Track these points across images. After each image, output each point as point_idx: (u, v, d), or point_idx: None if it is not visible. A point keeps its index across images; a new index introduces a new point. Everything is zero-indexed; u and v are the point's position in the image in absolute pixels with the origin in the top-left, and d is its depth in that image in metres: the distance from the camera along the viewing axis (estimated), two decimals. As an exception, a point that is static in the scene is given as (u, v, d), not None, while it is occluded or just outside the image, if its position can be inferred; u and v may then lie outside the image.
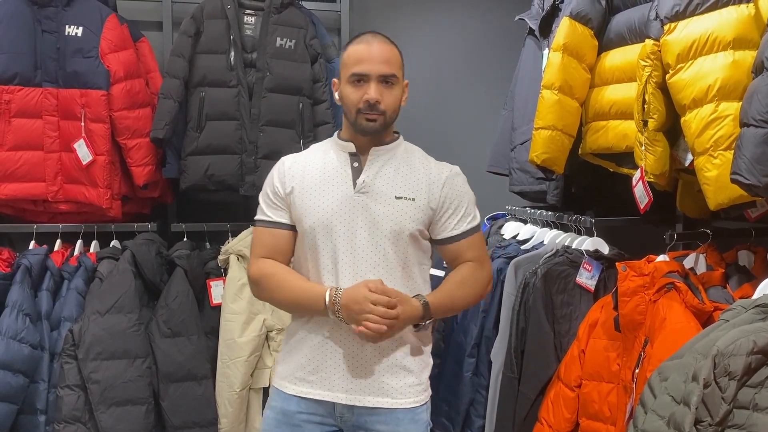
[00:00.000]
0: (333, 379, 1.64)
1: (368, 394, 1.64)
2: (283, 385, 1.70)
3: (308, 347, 1.67)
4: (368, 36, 1.67)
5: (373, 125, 1.65)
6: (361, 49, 1.64)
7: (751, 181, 1.38)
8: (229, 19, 2.66)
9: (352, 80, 1.64)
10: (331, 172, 1.68)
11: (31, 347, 2.29)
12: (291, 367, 1.69)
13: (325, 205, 1.65)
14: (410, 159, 1.75)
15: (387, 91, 1.64)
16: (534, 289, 2.12)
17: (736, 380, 1.16)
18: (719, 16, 1.59)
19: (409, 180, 1.70)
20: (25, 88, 2.52)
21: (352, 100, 1.64)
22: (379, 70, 1.62)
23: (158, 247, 2.51)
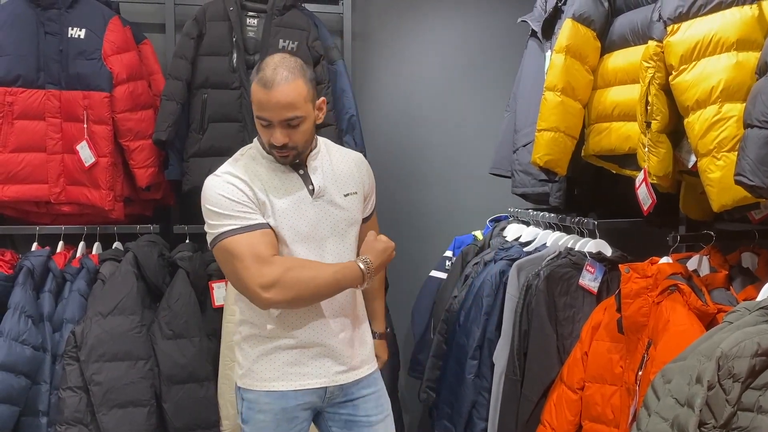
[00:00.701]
0: (325, 365, 1.77)
1: (354, 368, 1.82)
2: (276, 386, 1.75)
3: (291, 345, 1.75)
4: (269, 73, 1.65)
5: (286, 160, 1.75)
6: (261, 95, 1.65)
7: (755, 182, 1.38)
8: (231, 21, 2.66)
9: (259, 122, 1.70)
10: (287, 183, 1.76)
11: (33, 349, 2.29)
12: (278, 366, 1.75)
13: (292, 212, 1.73)
14: (334, 156, 1.88)
15: (293, 131, 1.69)
16: (537, 291, 2.11)
17: (740, 382, 1.16)
18: (723, 18, 1.59)
19: (346, 176, 1.85)
20: (28, 90, 2.52)
21: (264, 137, 1.72)
22: (280, 117, 1.66)
23: (160, 249, 2.51)
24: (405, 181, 3.35)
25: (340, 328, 1.80)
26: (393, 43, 3.33)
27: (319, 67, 2.72)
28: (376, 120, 3.29)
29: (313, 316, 1.76)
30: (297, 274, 1.65)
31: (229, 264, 1.67)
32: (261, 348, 1.76)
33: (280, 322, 1.74)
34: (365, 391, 1.85)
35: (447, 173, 3.40)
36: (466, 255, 2.78)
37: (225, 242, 1.66)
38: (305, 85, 1.69)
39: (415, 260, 3.25)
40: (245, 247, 1.64)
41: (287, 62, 1.68)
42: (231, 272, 1.69)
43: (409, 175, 3.36)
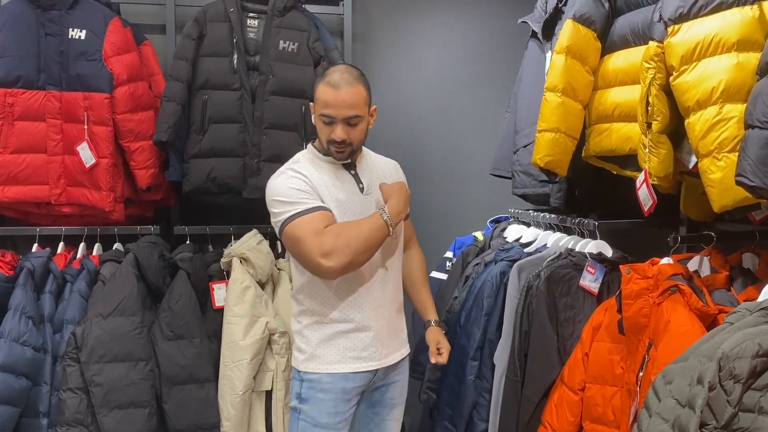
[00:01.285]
0: (377, 349, 1.99)
1: (394, 352, 2.05)
2: (338, 368, 1.95)
3: (349, 330, 1.96)
4: (336, 76, 1.90)
5: (341, 155, 1.96)
6: (330, 94, 1.88)
7: (755, 183, 1.37)
8: (232, 22, 2.66)
9: (322, 119, 1.91)
10: (341, 179, 1.98)
11: (34, 350, 2.29)
12: (339, 350, 1.95)
13: (345, 205, 1.95)
14: (375, 160, 2.14)
15: (352, 129, 1.92)
16: (537, 292, 2.11)
17: (741, 383, 1.16)
18: (723, 18, 1.59)
19: (387, 177, 2.10)
20: (29, 91, 2.52)
21: (324, 134, 1.93)
22: (344, 114, 1.89)
23: (161, 250, 2.51)
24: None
25: (388, 314, 2.02)
26: (393, 44, 3.33)
27: (319, 69, 2.72)
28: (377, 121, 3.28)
29: (367, 304, 1.97)
30: (346, 236, 1.83)
31: (295, 246, 1.87)
32: (322, 334, 1.96)
33: (339, 309, 1.95)
34: (398, 376, 2.09)
35: (447, 174, 3.40)
36: (467, 256, 2.78)
37: (289, 227, 1.86)
38: (365, 91, 1.94)
39: (415, 261, 3.25)
40: (306, 226, 1.84)
41: (352, 70, 1.94)
42: (297, 253, 1.89)
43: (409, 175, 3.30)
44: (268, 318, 2.42)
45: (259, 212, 2.80)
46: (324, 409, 1.94)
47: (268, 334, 2.41)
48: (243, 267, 2.46)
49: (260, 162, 2.63)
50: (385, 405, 2.09)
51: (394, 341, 2.06)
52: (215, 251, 2.66)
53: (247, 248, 2.47)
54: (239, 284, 2.42)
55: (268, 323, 2.41)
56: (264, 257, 2.50)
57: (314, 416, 1.94)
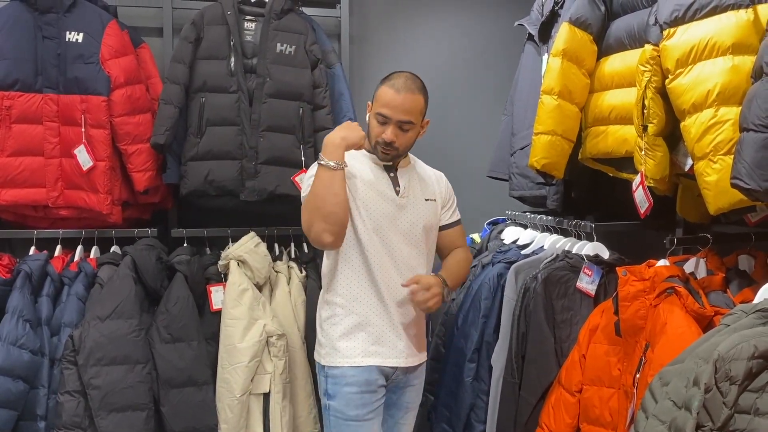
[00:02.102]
0: (398, 347, 2.02)
1: (414, 355, 2.07)
2: (359, 361, 1.98)
3: (369, 324, 2.00)
4: (401, 80, 1.97)
5: (386, 157, 2.04)
6: (390, 95, 1.96)
7: (751, 185, 1.38)
8: (229, 25, 2.66)
9: (377, 118, 1.98)
10: (378, 177, 2.05)
11: (32, 353, 2.29)
12: (359, 344, 1.99)
13: (374, 202, 2.00)
14: (420, 168, 2.18)
15: (402, 134, 1.99)
16: (534, 294, 2.12)
17: (737, 385, 1.16)
18: (718, 21, 1.59)
19: (428, 185, 2.14)
20: (26, 94, 2.52)
21: (375, 132, 2.00)
22: (398, 117, 1.96)
23: (158, 253, 2.51)
24: (403, 184, 3.35)
25: (410, 315, 2.05)
26: (390, 47, 3.34)
27: (316, 71, 2.72)
28: (374, 123, 3.29)
29: (390, 301, 2.00)
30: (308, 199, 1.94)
31: None
32: (342, 328, 2.01)
33: (360, 304, 2.00)
34: (416, 380, 2.12)
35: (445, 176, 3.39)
36: (464, 258, 2.78)
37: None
38: (423, 102, 2.02)
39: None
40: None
41: (416, 80, 2.02)
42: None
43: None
44: (265, 320, 2.42)
45: (256, 215, 2.81)
46: (352, 402, 1.96)
47: (266, 337, 2.41)
48: (240, 270, 2.46)
49: (258, 165, 2.64)
50: (401, 407, 2.12)
51: (415, 343, 2.08)
52: (213, 254, 2.67)
53: (245, 251, 2.47)
54: (237, 287, 2.42)
55: (266, 326, 2.41)
56: (261, 260, 2.50)
57: (343, 410, 1.97)
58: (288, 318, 2.52)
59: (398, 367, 2.03)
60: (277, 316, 2.49)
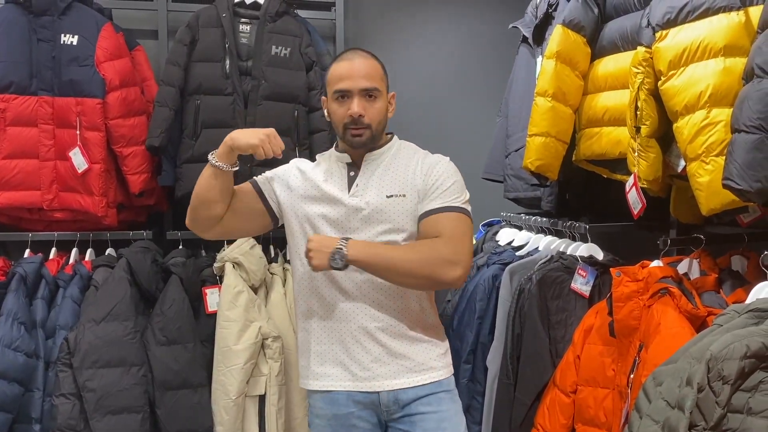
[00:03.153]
0: (371, 365, 1.73)
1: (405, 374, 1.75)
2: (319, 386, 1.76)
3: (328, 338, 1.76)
4: (349, 53, 1.78)
5: (359, 140, 1.75)
6: (343, 67, 1.74)
7: (742, 186, 1.39)
8: (224, 27, 2.67)
9: (336, 97, 1.74)
10: (332, 182, 1.80)
11: (26, 356, 2.28)
12: (317, 361, 1.77)
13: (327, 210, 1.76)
14: (401, 157, 1.83)
15: (370, 105, 1.74)
16: (529, 295, 2.12)
17: (729, 384, 1.17)
18: (710, 24, 1.60)
19: (398, 178, 1.78)
20: (21, 97, 2.52)
21: (338, 116, 1.75)
22: (360, 85, 1.72)
23: (154, 255, 2.50)
24: (398, 186, 3.36)
25: (387, 322, 1.74)
26: (385, 49, 3.34)
27: (311, 74, 2.73)
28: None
29: (351, 307, 1.73)
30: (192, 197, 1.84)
31: None
32: (302, 341, 1.82)
33: (318, 312, 1.77)
34: (424, 408, 1.74)
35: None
36: (459, 259, 2.78)
37: None
38: (381, 69, 1.80)
39: (408, 265, 3.26)
40: None
41: (364, 51, 1.81)
42: None
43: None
44: (261, 322, 2.42)
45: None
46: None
47: (261, 339, 2.41)
48: (236, 272, 2.46)
49: (252, 167, 2.63)
50: None
51: (403, 359, 1.74)
52: (208, 256, 2.66)
53: (240, 253, 2.47)
54: (232, 289, 2.42)
55: (261, 328, 2.41)
56: (257, 262, 2.50)
57: None
58: (283, 320, 2.51)
59: (378, 391, 1.73)
60: (273, 318, 2.49)
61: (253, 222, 1.89)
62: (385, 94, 1.79)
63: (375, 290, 1.74)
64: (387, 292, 1.74)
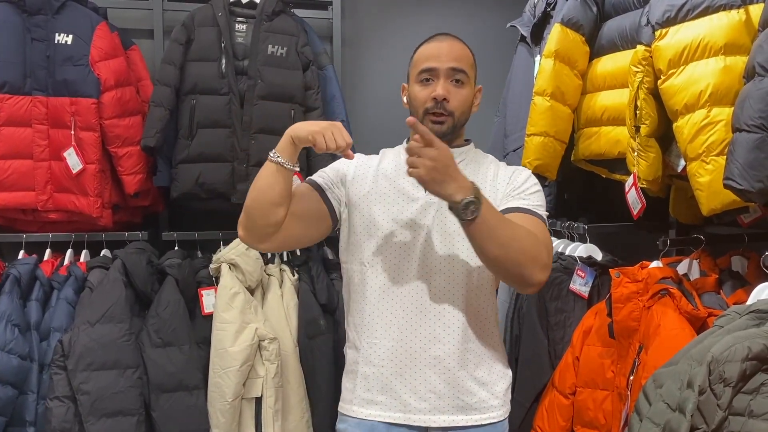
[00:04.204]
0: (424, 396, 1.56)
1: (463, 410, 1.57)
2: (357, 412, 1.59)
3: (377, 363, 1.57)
4: (439, 35, 1.65)
5: (440, 128, 1.59)
6: (431, 47, 1.62)
7: (743, 186, 1.38)
8: (220, 26, 2.65)
9: (420, 78, 1.61)
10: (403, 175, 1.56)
11: (20, 358, 2.26)
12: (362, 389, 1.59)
13: (395, 207, 1.60)
14: (479, 162, 1.70)
15: (455, 90, 1.60)
16: (528, 296, 2.11)
17: (731, 387, 1.16)
18: (710, 22, 1.59)
19: (476, 178, 1.60)
20: (14, 97, 2.50)
21: (420, 99, 1.60)
22: (448, 65, 1.59)
23: (149, 256, 2.49)
24: (395, 186, 3.35)
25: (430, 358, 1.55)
26: (382, 49, 3.33)
27: (308, 73, 2.71)
28: (366, 125, 3.28)
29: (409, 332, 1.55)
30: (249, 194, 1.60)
31: None
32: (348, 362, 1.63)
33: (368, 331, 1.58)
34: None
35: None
36: (457, 260, 2.77)
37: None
38: (472, 56, 1.67)
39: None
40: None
41: (455, 36, 1.67)
42: None
43: (399, 180, 3.36)
44: (257, 324, 2.40)
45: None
46: None
47: (258, 341, 2.39)
48: (232, 273, 2.44)
49: (249, 167, 2.62)
50: None
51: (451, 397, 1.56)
52: (204, 257, 2.64)
53: (236, 254, 2.45)
54: (228, 290, 2.41)
55: (258, 329, 2.39)
56: (253, 263, 2.48)
57: None
58: (280, 321, 2.50)
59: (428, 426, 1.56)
60: (269, 319, 2.47)
61: (316, 227, 1.65)
62: (473, 83, 1.66)
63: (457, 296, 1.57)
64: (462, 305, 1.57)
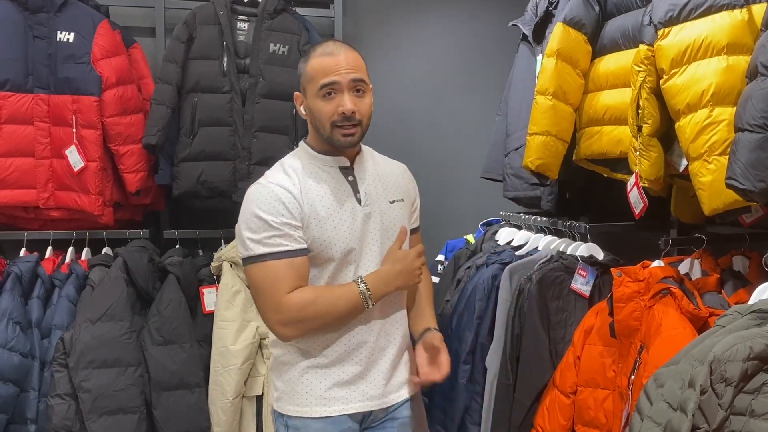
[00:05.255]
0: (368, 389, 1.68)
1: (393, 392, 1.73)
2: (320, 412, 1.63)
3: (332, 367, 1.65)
4: (329, 45, 1.63)
5: (351, 139, 1.61)
6: (328, 60, 1.59)
7: (746, 186, 1.38)
8: (222, 24, 2.65)
9: (323, 93, 1.59)
10: (338, 191, 1.64)
11: (22, 356, 2.27)
12: (322, 390, 1.64)
13: (343, 229, 1.62)
14: (377, 160, 1.79)
15: (359, 100, 1.61)
16: (529, 295, 2.11)
17: (732, 386, 1.15)
18: (713, 22, 1.59)
19: (392, 183, 1.75)
20: (16, 94, 2.50)
21: (326, 114, 1.59)
22: (349, 77, 1.58)
23: (150, 254, 2.49)
24: (397, 185, 3.35)
25: (383, 348, 1.70)
26: (384, 47, 3.33)
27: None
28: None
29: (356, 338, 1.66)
30: (311, 311, 1.57)
31: (254, 292, 1.63)
32: (301, 370, 1.65)
33: (321, 345, 1.64)
34: (401, 413, 1.76)
35: (439, 177, 3.39)
36: (458, 259, 2.78)
37: (253, 267, 1.58)
38: (363, 60, 1.66)
39: (407, 264, 3.25)
40: (276, 276, 1.56)
41: (343, 43, 1.68)
42: (255, 299, 1.65)
43: (400, 179, 3.36)
44: (258, 322, 2.40)
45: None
46: None
47: (259, 339, 2.40)
48: (233, 271, 2.44)
49: (251, 165, 2.62)
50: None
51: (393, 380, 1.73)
52: (205, 255, 2.65)
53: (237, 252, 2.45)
54: (229, 288, 2.41)
55: (259, 328, 2.39)
56: (254, 261, 2.48)
57: None
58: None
59: (373, 410, 1.70)
60: (270, 317, 2.48)
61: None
62: (370, 87, 1.67)
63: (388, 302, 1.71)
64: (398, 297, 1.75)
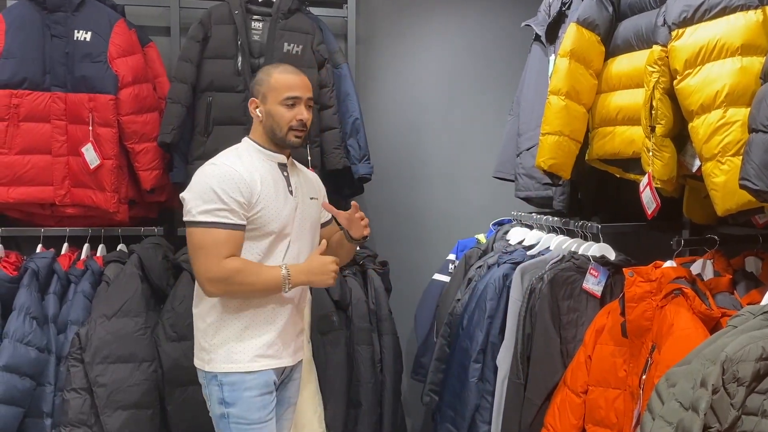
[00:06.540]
0: (289, 346, 2.00)
1: (299, 350, 2.09)
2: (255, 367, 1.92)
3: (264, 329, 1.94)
4: (286, 67, 2.03)
5: (299, 141, 1.99)
6: (292, 79, 1.98)
7: (759, 186, 1.38)
8: (236, 24, 2.67)
9: (287, 103, 1.95)
10: (277, 181, 1.97)
11: (38, 350, 2.30)
12: (255, 348, 1.93)
13: (282, 210, 1.94)
14: (300, 168, 2.15)
15: (309, 114, 2.01)
16: (540, 294, 2.11)
17: (744, 386, 1.16)
18: (727, 23, 1.59)
19: (311, 185, 2.13)
20: (34, 93, 2.53)
21: (286, 119, 1.96)
22: (306, 95, 1.99)
23: (165, 251, 2.51)
24: (408, 184, 3.36)
25: (298, 314, 2.05)
26: (397, 47, 3.34)
27: (323, 71, 2.73)
28: (380, 123, 3.30)
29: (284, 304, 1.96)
30: (240, 279, 1.85)
31: (192, 251, 1.88)
32: (236, 332, 1.92)
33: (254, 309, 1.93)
34: (296, 374, 2.10)
35: (450, 176, 3.40)
36: (470, 258, 2.78)
37: (196, 230, 1.86)
38: None
39: (418, 263, 3.26)
40: (217, 241, 1.84)
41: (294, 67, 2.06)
42: (191, 258, 1.90)
43: (412, 178, 3.37)
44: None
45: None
46: (253, 405, 1.92)
47: (271, 336, 2.41)
48: (246, 268, 2.46)
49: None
50: (283, 403, 2.07)
51: (300, 340, 2.09)
52: (219, 253, 2.66)
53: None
54: (243, 286, 2.42)
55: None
56: (267, 259, 2.50)
57: (245, 415, 1.91)
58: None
59: (289, 365, 2.02)
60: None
61: None
62: None
63: None
64: None
